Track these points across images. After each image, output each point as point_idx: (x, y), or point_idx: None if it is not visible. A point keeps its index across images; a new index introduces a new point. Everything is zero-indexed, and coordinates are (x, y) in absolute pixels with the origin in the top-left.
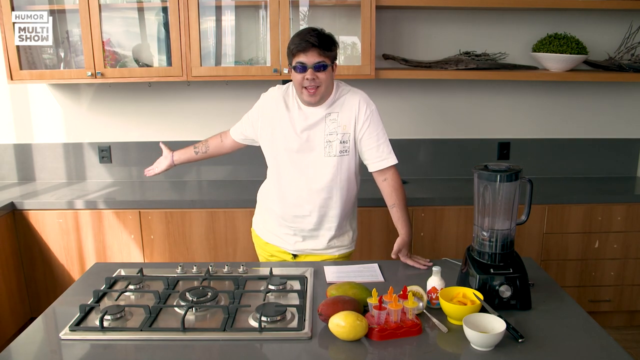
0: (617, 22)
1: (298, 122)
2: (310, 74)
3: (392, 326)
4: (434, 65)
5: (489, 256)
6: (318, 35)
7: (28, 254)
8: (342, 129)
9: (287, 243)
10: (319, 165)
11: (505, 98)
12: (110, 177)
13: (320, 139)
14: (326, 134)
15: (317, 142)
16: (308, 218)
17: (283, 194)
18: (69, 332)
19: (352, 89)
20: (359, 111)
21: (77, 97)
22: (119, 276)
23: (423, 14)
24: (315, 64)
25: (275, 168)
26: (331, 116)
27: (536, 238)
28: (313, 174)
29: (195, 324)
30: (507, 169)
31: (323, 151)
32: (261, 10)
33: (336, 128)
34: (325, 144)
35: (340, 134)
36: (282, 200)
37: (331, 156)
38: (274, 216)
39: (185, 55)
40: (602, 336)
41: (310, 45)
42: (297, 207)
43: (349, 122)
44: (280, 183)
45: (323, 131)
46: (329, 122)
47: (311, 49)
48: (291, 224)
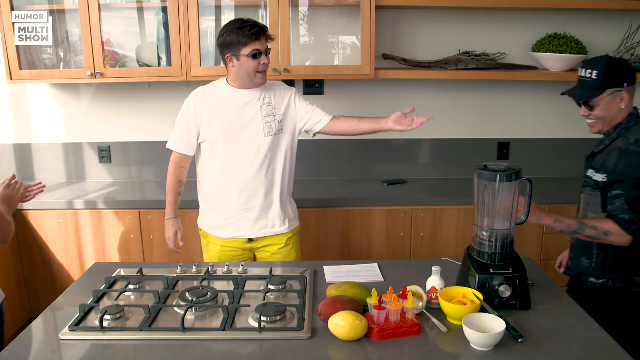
0: (616, 22)
1: (233, 107)
2: (265, 59)
3: (391, 326)
4: (434, 65)
5: (488, 256)
6: (260, 24)
7: (28, 254)
8: (277, 110)
9: (242, 229)
10: (258, 144)
11: (505, 98)
12: (110, 177)
13: (258, 120)
14: (264, 115)
15: (255, 123)
16: (256, 197)
17: (229, 179)
18: (68, 332)
19: None
20: (286, 92)
21: (76, 97)
22: (119, 276)
23: (423, 14)
24: (266, 49)
25: (219, 155)
26: (266, 100)
27: (536, 238)
28: (254, 154)
29: (195, 324)
30: (507, 169)
31: (262, 131)
32: (261, 10)
33: (272, 110)
34: (264, 125)
35: (277, 115)
36: (230, 185)
37: (271, 135)
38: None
39: (185, 55)
40: (602, 336)
41: (261, 33)
42: (246, 188)
43: (282, 103)
44: (224, 169)
45: (260, 112)
46: (265, 105)
47: (262, 37)
48: (243, 206)
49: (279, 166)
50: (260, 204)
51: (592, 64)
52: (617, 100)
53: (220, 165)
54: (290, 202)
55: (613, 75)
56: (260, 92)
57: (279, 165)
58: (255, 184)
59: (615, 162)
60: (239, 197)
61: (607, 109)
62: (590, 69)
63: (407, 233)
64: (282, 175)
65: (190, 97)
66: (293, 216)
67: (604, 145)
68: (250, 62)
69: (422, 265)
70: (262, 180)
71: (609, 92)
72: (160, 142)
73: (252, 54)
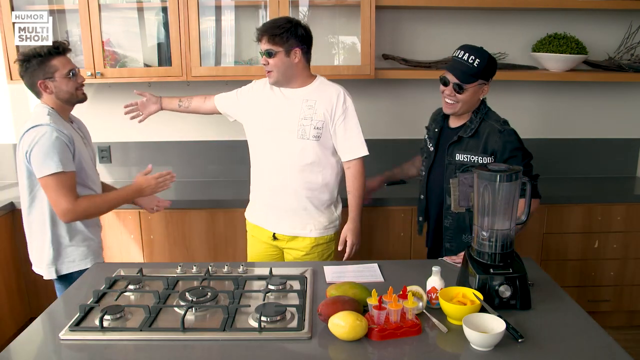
0: (616, 22)
1: (275, 103)
2: (263, 60)
3: (391, 326)
4: (434, 65)
5: (488, 256)
6: (271, 24)
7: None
8: (317, 116)
9: (267, 222)
10: (291, 146)
11: (505, 98)
12: (110, 177)
13: (294, 122)
14: (300, 118)
15: (291, 124)
16: (282, 196)
17: (260, 172)
18: (68, 332)
19: (332, 83)
20: (337, 102)
21: None
22: (119, 276)
23: (423, 14)
24: (264, 51)
25: (252, 148)
26: (308, 102)
27: (536, 238)
28: (288, 154)
29: (195, 324)
30: (507, 169)
31: (296, 133)
32: (261, 10)
33: (312, 115)
34: (299, 127)
35: (315, 120)
36: (259, 178)
37: (304, 139)
38: (255, 196)
39: (185, 55)
40: (602, 336)
41: (260, 34)
42: (272, 184)
43: (326, 111)
44: (256, 162)
45: (298, 115)
46: (305, 108)
47: (262, 38)
48: (268, 201)
49: (316, 169)
50: (285, 205)
51: (475, 52)
52: (480, 91)
53: (253, 157)
54: (325, 212)
55: (488, 68)
56: (307, 93)
57: (316, 168)
58: (282, 184)
59: (501, 142)
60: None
61: (471, 97)
62: (473, 56)
63: (407, 233)
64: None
65: (259, 81)
66: (322, 225)
67: (472, 130)
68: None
69: (422, 265)
70: (289, 182)
71: (480, 82)
72: (160, 142)
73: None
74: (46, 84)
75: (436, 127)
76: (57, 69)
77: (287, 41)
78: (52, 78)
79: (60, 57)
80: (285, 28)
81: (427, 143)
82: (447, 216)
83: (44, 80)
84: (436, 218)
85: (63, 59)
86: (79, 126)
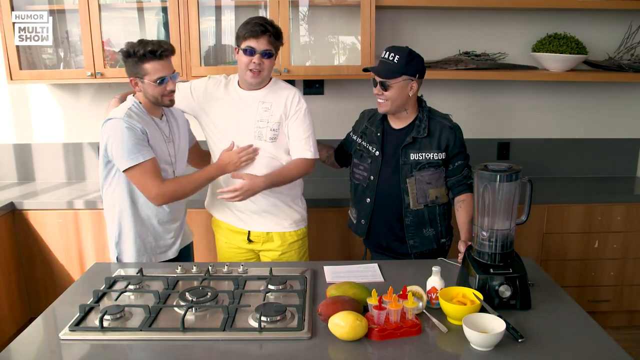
0: (616, 22)
1: (231, 104)
2: (257, 59)
3: (391, 326)
4: (434, 65)
5: (488, 256)
6: (270, 24)
7: (28, 254)
8: (274, 118)
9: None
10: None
11: (505, 98)
12: None
13: (250, 124)
14: (257, 120)
15: (247, 126)
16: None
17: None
18: (68, 332)
19: (287, 84)
20: (291, 104)
21: (76, 97)
22: (119, 276)
23: (423, 14)
24: (263, 51)
25: (211, 148)
26: (264, 105)
27: (536, 238)
28: None
29: (195, 324)
30: (507, 169)
31: (253, 134)
32: (261, 10)
33: (268, 117)
34: (255, 129)
35: (272, 122)
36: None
37: (261, 140)
38: None
39: (185, 55)
40: (602, 336)
41: (261, 32)
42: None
43: (282, 113)
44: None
45: (254, 117)
46: (262, 110)
47: (262, 36)
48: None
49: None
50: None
51: (395, 50)
52: (408, 87)
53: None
54: (292, 205)
55: (410, 64)
56: (263, 95)
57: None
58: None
59: (452, 137)
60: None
61: (398, 93)
62: (393, 54)
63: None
64: None
65: (212, 78)
66: (294, 218)
67: (425, 129)
68: (242, 58)
69: (422, 265)
70: None
71: (404, 78)
72: None
73: (244, 49)
74: (136, 82)
75: (377, 132)
76: (148, 73)
77: (280, 44)
78: (142, 80)
79: (155, 61)
80: (281, 31)
81: (367, 147)
82: (407, 214)
83: (135, 78)
84: (395, 218)
85: (157, 64)
86: (168, 121)
